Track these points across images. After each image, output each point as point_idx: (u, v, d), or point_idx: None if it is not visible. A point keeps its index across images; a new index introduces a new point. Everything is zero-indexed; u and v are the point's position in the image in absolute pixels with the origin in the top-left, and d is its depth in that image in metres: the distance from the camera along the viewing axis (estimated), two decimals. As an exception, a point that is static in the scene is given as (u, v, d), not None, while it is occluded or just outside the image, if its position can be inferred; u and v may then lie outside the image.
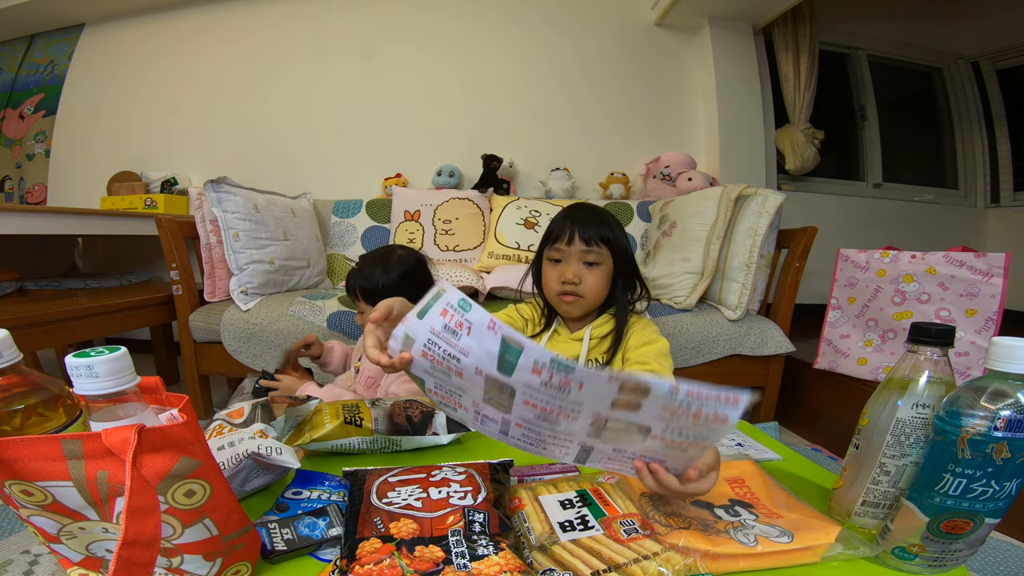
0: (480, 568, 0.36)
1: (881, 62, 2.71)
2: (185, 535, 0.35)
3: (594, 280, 0.86)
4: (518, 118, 2.34)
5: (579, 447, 0.44)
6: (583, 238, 0.85)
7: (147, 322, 1.68)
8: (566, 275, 0.86)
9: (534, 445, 0.45)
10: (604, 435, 0.42)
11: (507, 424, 0.43)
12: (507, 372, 0.39)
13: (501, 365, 0.39)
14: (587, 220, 0.87)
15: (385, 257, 1.03)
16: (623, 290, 0.91)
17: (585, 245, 0.85)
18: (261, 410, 0.58)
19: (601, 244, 0.85)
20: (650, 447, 0.42)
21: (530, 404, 0.40)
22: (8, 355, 0.38)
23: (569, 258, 0.87)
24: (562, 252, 0.87)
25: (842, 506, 0.50)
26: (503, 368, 0.39)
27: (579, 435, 0.42)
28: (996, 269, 1.23)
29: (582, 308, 0.89)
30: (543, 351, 0.38)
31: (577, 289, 0.87)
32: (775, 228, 1.50)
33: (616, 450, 0.43)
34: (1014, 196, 2.73)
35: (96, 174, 2.44)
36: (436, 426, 0.66)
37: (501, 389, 0.40)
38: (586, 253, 0.85)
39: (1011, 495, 0.39)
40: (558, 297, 0.89)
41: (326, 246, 2.00)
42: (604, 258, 0.86)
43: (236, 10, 2.40)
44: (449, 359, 0.41)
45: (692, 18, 2.25)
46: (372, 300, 0.99)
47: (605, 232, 0.86)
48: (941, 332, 0.44)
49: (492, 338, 0.39)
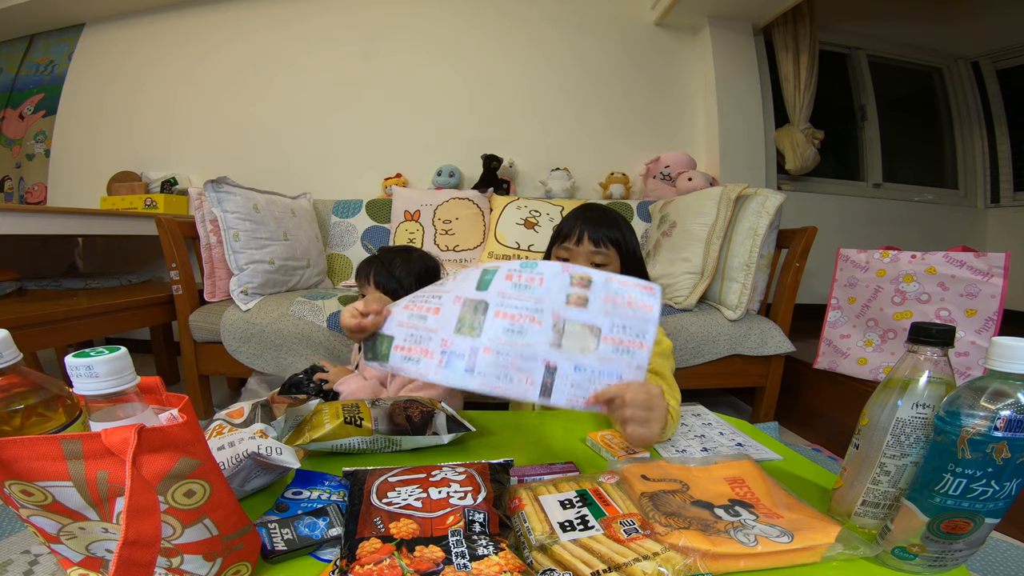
0: (480, 568, 0.36)
1: (881, 62, 2.71)
2: (185, 535, 0.35)
3: None
4: (518, 118, 2.34)
5: (544, 367, 0.47)
6: (592, 238, 0.86)
7: (147, 322, 1.68)
8: None
9: (501, 379, 0.47)
10: (565, 343, 0.48)
11: (475, 353, 0.47)
12: (485, 288, 0.48)
13: (480, 284, 0.48)
14: (598, 220, 0.88)
15: (407, 253, 1.07)
16: None
17: (594, 246, 0.86)
18: (261, 410, 0.58)
19: (610, 245, 0.86)
20: (604, 353, 0.49)
21: (501, 315, 0.47)
22: (8, 355, 0.38)
23: (577, 257, 0.87)
24: (571, 251, 0.88)
25: (842, 506, 0.50)
26: (482, 286, 0.48)
27: (543, 348, 0.48)
28: (996, 269, 1.23)
29: None
30: (513, 262, 0.49)
31: None
32: (775, 228, 1.50)
33: (577, 369, 0.48)
34: (1014, 196, 2.73)
35: (96, 174, 2.44)
36: (436, 426, 0.66)
37: (475, 309, 0.48)
38: (594, 254, 0.86)
39: (1011, 495, 0.39)
40: None
41: (326, 246, 2.00)
42: (612, 259, 0.87)
43: (236, 10, 2.40)
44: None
45: (692, 18, 2.25)
46: (383, 288, 1.02)
47: (615, 233, 0.87)
48: (941, 332, 0.44)
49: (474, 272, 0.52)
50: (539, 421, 0.79)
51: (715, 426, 0.76)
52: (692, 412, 0.81)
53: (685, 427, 0.75)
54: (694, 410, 0.82)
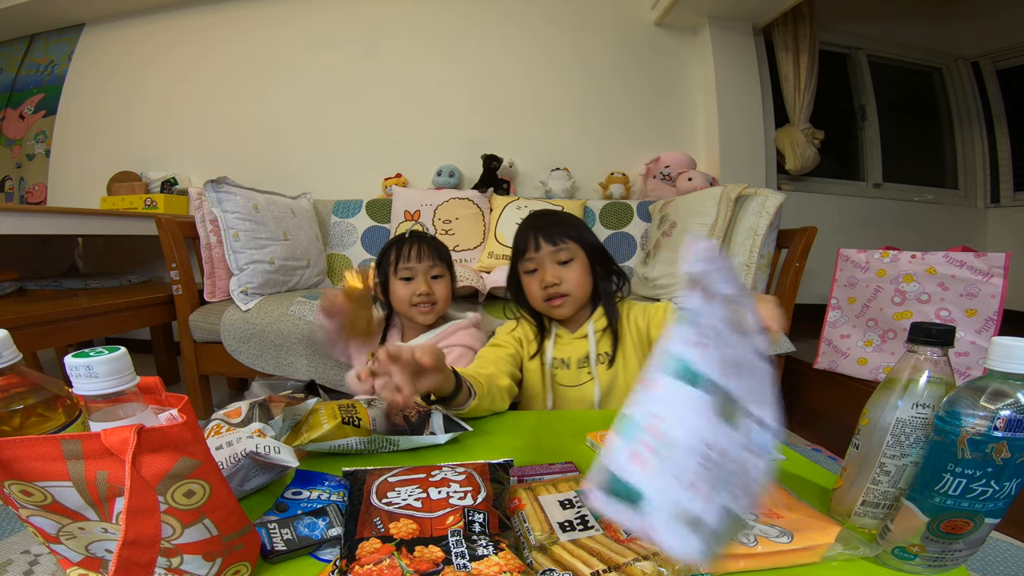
0: (480, 568, 0.36)
1: (881, 62, 2.71)
2: (185, 535, 0.35)
3: (573, 275, 0.87)
4: (518, 118, 2.34)
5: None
6: (548, 240, 0.87)
7: (147, 322, 1.68)
8: (546, 279, 0.87)
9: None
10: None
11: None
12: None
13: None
14: (546, 223, 0.89)
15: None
16: (604, 279, 0.92)
17: (552, 246, 0.87)
18: (259, 409, 0.58)
19: (567, 240, 0.87)
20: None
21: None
22: (8, 355, 0.38)
23: (543, 263, 0.88)
24: (534, 260, 0.89)
25: (842, 506, 0.50)
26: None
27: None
28: (996, 269, 1.23)
29: (572, 306, 0.89)
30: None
31: (560, 289, 0.87)
32: (775, 228, 1.50)
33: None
34: (1014, 196, 2.73)
35: (96, 174, 2.44)
36: (433, 425, 0.66)
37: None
38: (556, 253, 0.87)
39: (1011, 495, 0.38)
40: (546, 304, 0.90)
41: (326, 246, 2.00)
42: (575, 252, 0.88)
43: (236, 10, 2.41)
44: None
45: (692, 18, 2.25)
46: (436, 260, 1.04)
47: (568, 231, 0.88)
48: (941, 332, 0.44)
49: None
50: (539, 421, 0.79)
51: (715, 426, 0.76)
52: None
53: (685, 427, 0.76)
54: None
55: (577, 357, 0.91)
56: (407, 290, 1.02)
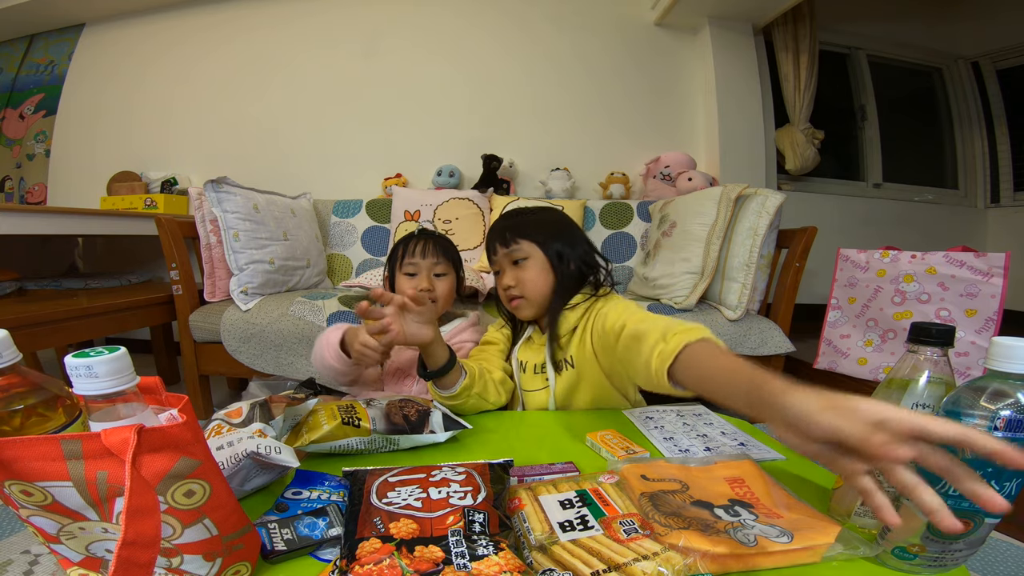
0: (480, 568, 0.36)
1: (881, 62, 2.71)
2: (185, 535, 0.35)
3: (528, 276, 0.85)
4: (518, 118, 2.34)
5: None
6: (501, 242, 0.86)
7: (147, 322, 1.68)
8: (504, 282, 0.87)
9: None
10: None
11: None
12: None
13: None
14: (501, 226, 0.89)
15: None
16: (572, 279, 0.87)
17: (506, 247, 0.86)
18: (259, 409, 0.58)
19: (519, 240, 0.85)
20: None
21: None
22: (8, 355, 0.38)
23: (502, 266, 0.88)
24: (496, 262, 0.89)
25: (842, 506, 0.50)
26: None
27: None
28: (996, 269, 1.23)
29: (532, 308, 0.87)
30: None
31: (515, 291, 0.86)
32: (775, 228, 1.50)
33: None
34: (1014, 196, 2.73)
35: (96, 174, 2.44)
36: (433, 424, 0.66)
37: None
38: (510, 254, 0.86)
39: (1011, 495, 0.39)
40: (509, 305, 0.90)
41: (326, 246, 2.00)
42: (529, 251, 0.85)
43: (236, 10, 2.41)
44: None
45: (692, 18, 2.25)
46: (441, 258, 1.02)
47: (522, 230, 0.86)
48: (941, 332, 0.44)
49: None
50: (539, 421, 0.79)
51: (717, 426, 0.76)
52: (693, 412, 0.81)
53: (687, 427, 0.75)
54: (695, 410, 0.82)
55: (536, 362, 0.89)
56: (409, 285, 1.02)
